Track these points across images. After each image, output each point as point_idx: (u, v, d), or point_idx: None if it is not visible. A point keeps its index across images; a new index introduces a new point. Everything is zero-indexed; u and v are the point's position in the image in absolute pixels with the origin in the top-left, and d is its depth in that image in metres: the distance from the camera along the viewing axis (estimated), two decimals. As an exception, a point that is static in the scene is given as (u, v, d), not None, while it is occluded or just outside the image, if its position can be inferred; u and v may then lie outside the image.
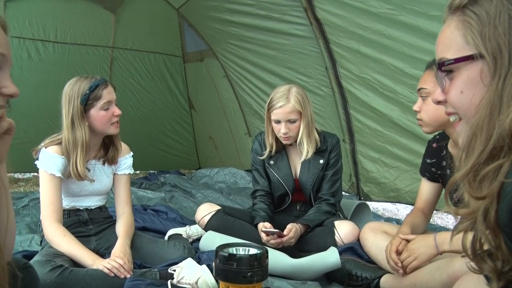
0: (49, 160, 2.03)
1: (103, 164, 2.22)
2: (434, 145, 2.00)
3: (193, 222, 2.74)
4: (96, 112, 2.07)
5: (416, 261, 1.71)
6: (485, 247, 0.79)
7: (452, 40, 0.82)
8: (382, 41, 3.11)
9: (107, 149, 2.23)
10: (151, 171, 5.20)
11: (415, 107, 1.84)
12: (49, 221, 1.98)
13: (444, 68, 0.84)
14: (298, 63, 3.95)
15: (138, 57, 5.04)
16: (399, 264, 1.74)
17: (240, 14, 4.16)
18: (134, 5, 4.79)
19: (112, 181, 2.27)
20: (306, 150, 2.46)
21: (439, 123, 1.80)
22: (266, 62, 4.26)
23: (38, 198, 3.36)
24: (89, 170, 2.15)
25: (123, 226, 2.16)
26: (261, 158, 2.58)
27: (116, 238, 2.15)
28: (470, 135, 0.78)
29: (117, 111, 2.12)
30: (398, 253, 1.76)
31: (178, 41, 5.28)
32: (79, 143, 2.04)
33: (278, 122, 2.42)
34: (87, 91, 2.05)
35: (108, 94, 2.10)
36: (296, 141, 2.48)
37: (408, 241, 1.79)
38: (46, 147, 2.06)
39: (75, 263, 1.92)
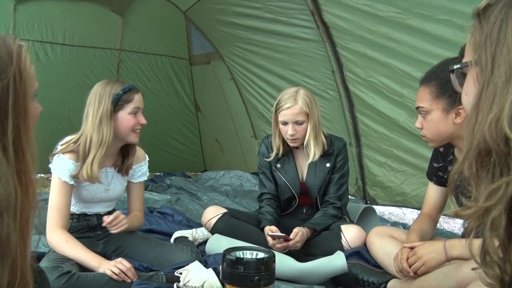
0: (64, 166, 2.00)
1: (118, 172, 2.20)
2: (441, 149, 1.99)
3: (199, 225, 2.74)
4: (124, 115, 2.06)
5: (424, 267, 1.70)
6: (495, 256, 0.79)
7: (467, 47, 0.87)
8: (389, 45, 3.11)
9: (124, 158, 2.21)
10: (157, 173, 5.20)
11: (417, 124, 1.83)
12: (52, 228, 1.97)
13: (455, 72, 0.91)
14: (305, 66, 3.95)
15: (145, 60, 5.05)
16: (411, 274, 1.73)
17: (247, 17, 4.17)
18: (141, 8, 4.80)
19: (125, 188, 2.27)
20: (313, 152, 2.46)
21: (442, 138, 1.79)
22: (273, 65, 4.26)
23: (46, 200, 3.38)
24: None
25: (130, 215, 2.21)
26: (268, 160, 2.58)
27: (123, 240, 2.16)
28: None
29: (143, 120, 2.12)
30: (410, 264, 1.75)
31: (185, 44, 5.29)
32: (102, 143, 2.01)
33: (285, 123, 2.43)
34: (120, 92, 2.05)
35: (139, 100, 2.11)
36: (303, 144, 2.49)
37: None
38: (63, 153, 2.02)
39: (83, 267, 1.92)
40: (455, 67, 0.90)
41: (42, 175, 4.66)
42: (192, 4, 4.81)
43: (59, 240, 1.94)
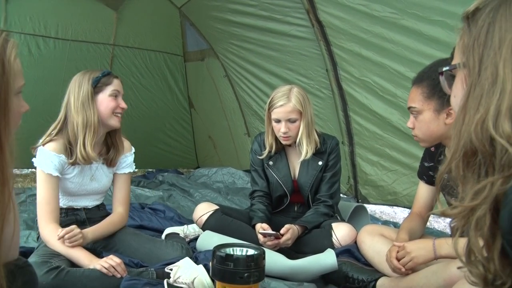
0: (46, 159, 2.00)
1: (103, 163, 2.20)
2: (432, 149, 2.00)
3: (190, 222, 2.74)
4: (104, 97, 2.10)
5: (412, 262, 1.71)
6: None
7: (456, 49, 0.88)
8: (383, 45, 3.12)
9: (109, 149, 2.22)
10: (150, 170, 5.20)
11: (409, 124, 1.85)
12: (45, 222, 1.97)
13: (444, 74, 0.92)
14: (299, 64, 3.96)
15: (139, 55, 5.04)
16: (403, 270, 1.74)
17: (242, 14, 4.16)
18: (136, 3, 4.78)
19: (112, 180, 2.26)
20: (305, 150, 2.46)
21: (434, 138, 1.81)
22: (267, 63, 4.26)
23: (36, 195, 3.37)
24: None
25: (102, 221, 2.16)
26: (261, 158, 2.58)
27: (113, 236, 2.15)
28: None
29: (123, 104, 2.14)
30: (398, 259, 1.76)
31: (179, 40, 5.27)
32: (89, 125, 2.04)
33: (278, 121, 2.43)
34: (99, 75, 2.10)
35: (118, 84, 2.15)
36: (295, 142, 2.49)
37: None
38: (43, 145, 2.03)
39: (72, 263, 1.92)
40: (444, 69, 0.91)
41: (33, 169, 4.64)
42: (187, 0, 4.80)
43: (52, 235, 1.93)
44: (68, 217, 2.14)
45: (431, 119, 1.75)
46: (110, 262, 1.83)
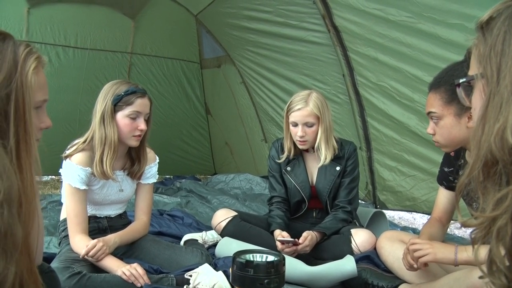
0: (73, 172, 2.00)
1: (127, 175, 2.21)
2: (452, 153, 1.98)
3: (209, 228, 2.75)
4: (121, 117, 2.04)
5: (430, 256, 1.68)
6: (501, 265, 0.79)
7: (472, 59, 0.88)
8: (400, 49, 3.11)
9: (133, 162, 2.20)
10: (167, 176, 5.23)
11: (429, 130, 1.80)
12: (73, 233, 1.99)
13: (461, 86, 0.91)
14: (316, 70, 3.96)
15: (156, 63, 5.10)
16: (415, 266, 1.72)
17: (258, 21, 4.18)
18: (153, 11, 4.84)
19: (135, 190, 2.27)
20: (324, 155, 2.46)
21: (456, 143, 1.76)
22: (283, 68, 4.27)
23: (56, 201, 3.44)
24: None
25: (127, 228, 2.17)
26: (279, 161, 2.59)
27: (133, 243, 2.17)
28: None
29: (142, 126, 2.06)
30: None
31: (195, 47, 5.32)
32: (108, 141, 2.01)
33: (295, 125, 2.44)
34: (122, 93, 2.03)
35: (140, 105, 2.05)
36: (313, 147, 2.49)
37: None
38: (70, 157, 2.02)
39: (94, 268, 1.94)
40: (460, 81, 0.90)
41: (53, 177, 4.71)
42: (203, 7, 4.84)
43: (80, 246, 1.94)
44: (90, 224, 2.14)
45: (453, 124, 1.71)
46: (132, 271, 1.84)
